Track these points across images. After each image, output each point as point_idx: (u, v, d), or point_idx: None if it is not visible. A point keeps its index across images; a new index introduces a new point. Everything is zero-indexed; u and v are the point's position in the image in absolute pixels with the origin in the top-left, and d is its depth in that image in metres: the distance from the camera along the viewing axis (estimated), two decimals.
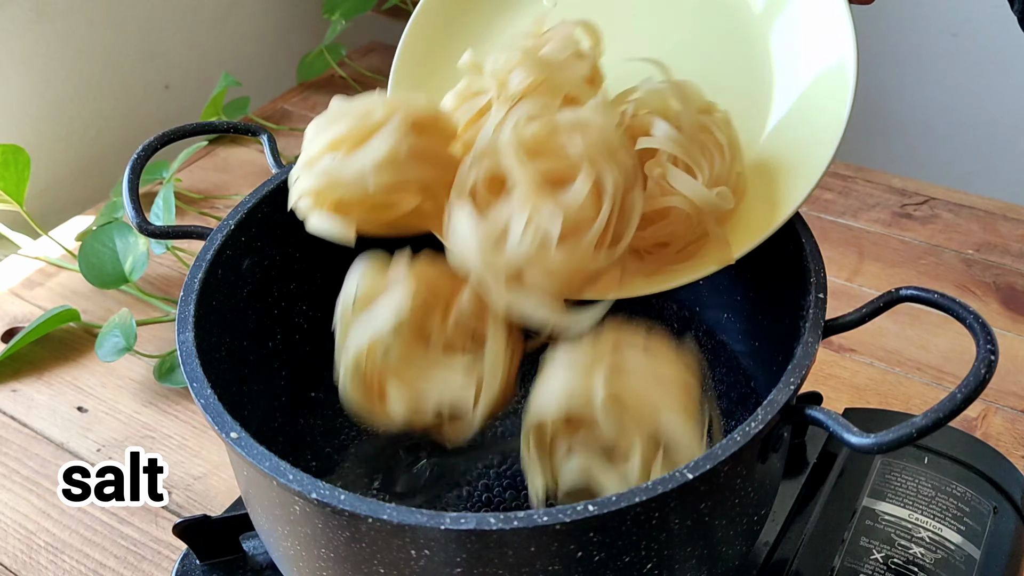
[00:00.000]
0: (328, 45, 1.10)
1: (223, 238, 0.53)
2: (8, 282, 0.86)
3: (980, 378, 0.39)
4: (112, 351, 0.74)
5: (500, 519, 0.38)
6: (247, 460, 0.41)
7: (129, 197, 0.55)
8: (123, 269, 0.79)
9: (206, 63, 1.18)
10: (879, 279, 0.81)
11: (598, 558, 0.40)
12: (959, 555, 0.52)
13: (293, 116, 1.08)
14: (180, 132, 0.59)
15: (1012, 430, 0.68)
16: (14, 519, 0.65)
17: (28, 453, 0.69)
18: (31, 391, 0.75)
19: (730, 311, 0.60)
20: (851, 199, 0.90)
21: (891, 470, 0.56)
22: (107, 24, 1.05)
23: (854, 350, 0.74)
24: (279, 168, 0.58)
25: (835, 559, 0.52)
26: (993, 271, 0.81)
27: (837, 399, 0.70)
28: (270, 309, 0.59)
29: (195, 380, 0.45)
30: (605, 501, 0.38)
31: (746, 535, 0.48)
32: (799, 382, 0.43)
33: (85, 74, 1.05)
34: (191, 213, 0.93)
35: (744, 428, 0.41)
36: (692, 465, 0.39)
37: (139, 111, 1.12)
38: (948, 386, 0.71)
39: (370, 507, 0.38)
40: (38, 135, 1.02)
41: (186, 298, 0.49)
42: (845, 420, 0.41)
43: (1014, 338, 0.75)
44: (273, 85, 1.22)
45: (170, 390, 0.74)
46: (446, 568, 0.40)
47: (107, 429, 0.71)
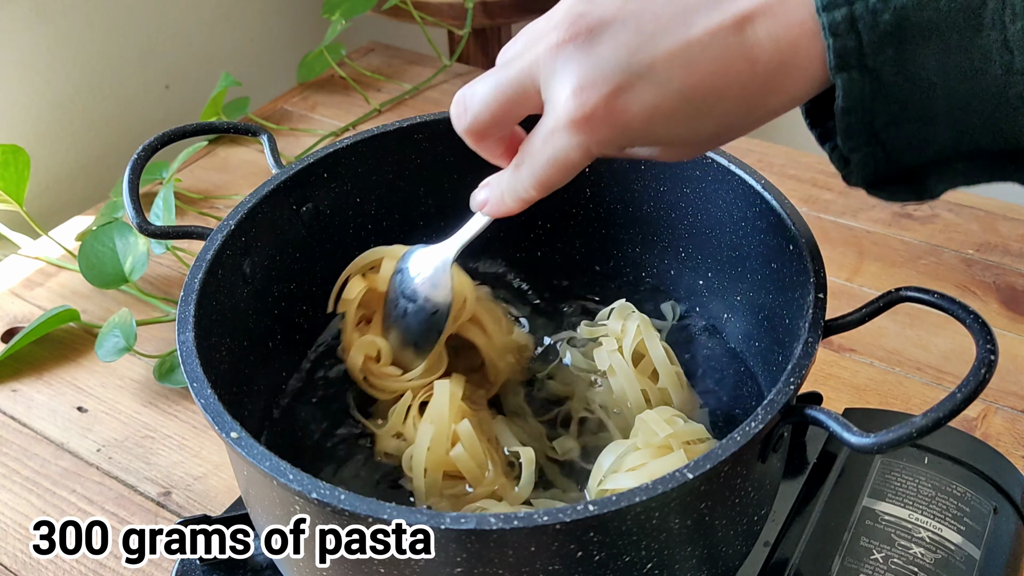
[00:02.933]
0: (328, 45, 1.10)
1: (223, 238, 0.53)
2: (8, 282, 0.86)
3: (980, 378, 0.39)
4: (112, 351, 0.74)
5: (500, 519, 0.38)
6: (247, 460, 0.41)
7: (129, 197, 0.55)
8: (123, 269, 0.79)
9: (206, 63, 1.18)
10: (879, 279, 0.81)
11: (598, 558, 0.40)
12: (959, 555, 0.52)
13: (293, 116, 1.08)
14: (180, 132, 0.59)
15: (1012, 430, 0.68)
16: (14, 519, 0.65)
17: (28, 453, 0.69)
18: (31, 391, 0.75)
19: (730, 311, 0.60)
20: (851, 199, 0.90)
21: (891, 470, 0.56)
22: (107, 24, 1.05)
23: (854, 350, 0.74)
24: (279, 168, 0.58)
25: (835, 559, 0.52)
26: (993, 271, 0.81)
27: (837, 399, 0.70)
28: (270, 309, 0.59)
29: (195, 380, 0.45)
30: (605, 501, 0.38)
31: (746, 535, 0.48)
32: (799, 382, 0.43)
33: (85, 74, 1.05)
34: (191, 213, 0.93)
35: (744, 428, 0.41)
36: (692, 465, 0.40)
37: (139, 111, 1.12)
38: (948, 386, 0.71)
39: (370, 507, 0.38)
40: (38, 135, 1.02)
41: (186, 298, 0.49)
42: (845, 420, 0.41)
43: (1014, 338, 0.75)
44: (273, 85, 1.22)
45: (170, 390, 0.74)
46: (446, 568, 0.40)
47: (107, 429, 0.71)
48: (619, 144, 0.42)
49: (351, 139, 0.59)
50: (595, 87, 0.40)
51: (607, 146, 0.41)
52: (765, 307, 0.56)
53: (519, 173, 0.45)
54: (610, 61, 0.39)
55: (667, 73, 0.39)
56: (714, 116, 0.40)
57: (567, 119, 0.41)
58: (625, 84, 0.39)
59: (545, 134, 0.42)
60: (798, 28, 0.37)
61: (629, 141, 0.41)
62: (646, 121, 0.40)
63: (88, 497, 0.66)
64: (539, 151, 0.43)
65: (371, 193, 0.62)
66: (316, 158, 0.58)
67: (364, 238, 0.63)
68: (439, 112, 0.61)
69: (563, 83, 0.40)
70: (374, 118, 1.06)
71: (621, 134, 0.41)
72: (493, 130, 0.45)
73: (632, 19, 0.39)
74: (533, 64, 0.42)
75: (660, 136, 0.41)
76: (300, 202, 0.59)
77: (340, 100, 1.10)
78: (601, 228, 0.65)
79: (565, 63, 0.40)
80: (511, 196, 0.46)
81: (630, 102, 0.40)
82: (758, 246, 0.56)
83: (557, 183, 0.44)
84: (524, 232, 0.66)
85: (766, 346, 0.56)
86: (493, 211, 0.48)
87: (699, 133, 0.41)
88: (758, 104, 0.40)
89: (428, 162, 0.62)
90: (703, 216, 0.60)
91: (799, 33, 0.37)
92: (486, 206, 0.48)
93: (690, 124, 0.40)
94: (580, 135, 0.41)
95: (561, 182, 0.44)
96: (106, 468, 0.68)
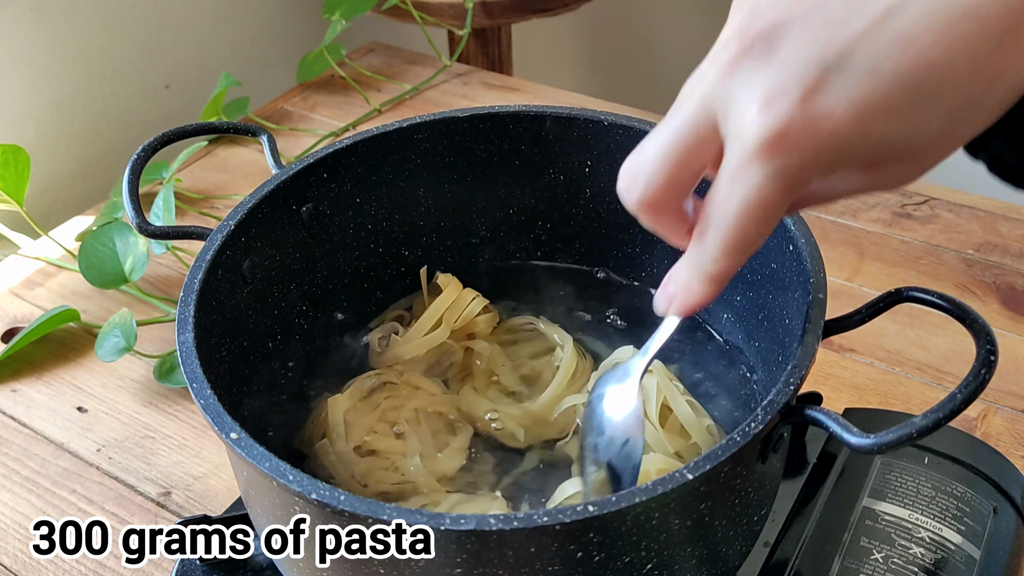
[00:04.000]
0: (328, 45, 1.10)
1: (223, 238, 0.53)
2: (8, 282, 0.86)
3: (980, 378, 0.39)
4: (112, 351, 0.74)
5: (500, 519, 0.38)
6: (247, 460, 0.41)
7: (129, 197, 0.55)
8: (123, 269, 0.79)
9: (206, 63, 1.18)
10: (879, 279, 0.81)
11: (598, 558, 0.40)
12: (959, 555, 0.52)
13: (293, 116, 1.08)
14: (180, 132, 0.59)
15: (1012, 430, 0.68)
16: (14, 519, 0.65)
17: (28, 453, 0.69)
18: (31, 391, 0.75)
19: (730, 311, 0.60)
20: (851, 199, 0.90)
21: (891, 470, 0.56)
22: (107, 24, 1.05)
23: (854, 350, 0.74)
24: (279, 168, 0.58)
25: (835, 559, 0.52)
26: (993, 271, 0.81)
27: (837, 399, 0.70)
28: (270, 309, 0.59)
29: (195, 380, 0.45)
30: (605, 501, 0.38)
31: (746, 535, 0.48)
32: (799, 382, 0.43)
33: (85, 74, 1.05)
34: (191, 213, 0.93)
35: (744, 428, 0.41)
36: (692, 465, 0.40)
37: (139, 111, 1.12)
38: (948, 386, 0.71)
39: (370, 507, 0.38)
40: (38, 135, 1.02)
41: (186, 299, 0.49)
42: (845, 420, 0.41)
43: (1014, 338, 0.75)
44: (273, 85, 1.22)
45: (170, 390, 0.74)
46: (446, 568, 0.40)
47: (107, 429, 0.71)
48: (827, 163, 0.33)
49: (351, 139, 0.59)
50: (785, 94, 0.32)
51: (812, 168, 0.33)
52: (765, 307, 0.56)
53: (703, 242, 0.36)
54: (798, 61, 0.32)
55: (875, 55, 0.32)
56: (944, 99, 0.32)
57: (756, 145, 0.33)
58: (823, 81, 0.32)
59: (729, 177, 0.34)
60: None
61: (838, 156, 0.33)
62: (858, 122, 0.32)
63: (88, 497, 0.66)
64: (724, 201, 0.35)
65: (371, 193, 0.62)
66: (316, 158, 0.58)
67: (364, 238, 0.63)
68: (439, 112, 0.61)
69: (745, 104, 0.33)
70: (374, 118, 1.06)
71: (830, 146, 0.33)
72: (671, 194, 0.37)
73: (816, 11, 0.33)
74: (705, 97, 0.35)
75: (878, 141, 0.33)
76: (300, 202, 0.59)
77: (340, 100, 1.10)
78: (601, 228, 0.65)
79: (743, 81, 0.33)
80: (698, 277, 0.38)
81: (834, 101, 0.32)
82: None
83: (755, 238, 0.35)
84: (524, 232, 0.66)
85: (766, 346, 0.56)
86: (682, 307, 0.40)
87: (927, 128, 0.33)
88: (996, 73, 0.32)
89: (428, 162, 0.62)
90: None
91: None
92: (672, 304, 0.40)
93: (915, 116, 0.32)
94: (776, 160, 0.33)
95: (760, 236, 0.35)
96: (106, 468, 0.68)
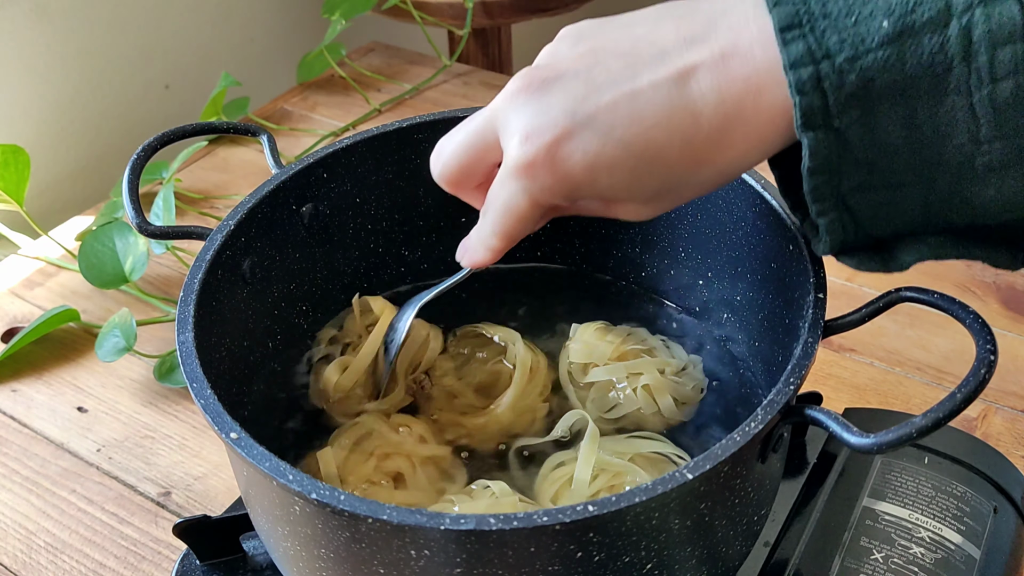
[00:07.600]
0: (328, 45, 1.10)
1: (223, 238, 0.53)
2: (8, 282, 0.86)
3: (980, 378, 0.39)
4: (112, 351, 0.74)
5: (500, 519, 0.38)
6: (247, 460, 0.41)
7: (129, 197, 0.55)
8: (123, 269, 0.79)
9: (206, 63, 1.18)
10: (879, 279, 0.81)
11: (598, 558, 0.40)
12: (959, 555, 0.52)
13: (293, 116, 1.08)
14: (180, 132, 0.59)
15: (1012, 430, 0.68)
16: (14, 519, 0.65)
17: (28, 453, 0.69)
18: (31, 391, 0.75)
19: (730, 311, 0.60)
20: None
21: (891, 470, 0.56)
22: (107, 24, 1.05)
23: (854, 350, 0.74)
24: (279, 168, 0.58)
25: (835, 559, 0.52)
26: (993, 271, 0.81)
27: (837, 399, 0.70)
28: (270, 309, 0.59)
29: (195, 380, 0.45)
30: (605, 501, 0.38)
31: (746, 535, 0.48)
32: (799, 382, 0.43)
33: (85, 74, 1.05)
34: (191, 213, 0.93)
35: (744, 428, 0.41)
36: (692, 465, 0.40)
37: (139, 111, 1.12)
38: (948, 386, 0.71)
39: (370, 507, 0.38)
40: (38, 135, 1.02)
41: (186, 299, 0.49)
42: (845, 420, 0.41)
43: (1014, 338, 0.75)
44: (273, 85, 1.22)
45: (170, 390, 0.74)
46: (446, 568, 0.40)
47: (107, 429, 0.71)
48: (563, 193, 0.42)
49: (351, 139, 0.59)
50: (540, 134, 0.40)
51: (552, 195, 0.42)
52: (765, 307, 0.56)
53: (483, 222, 0.46)
54: (556, 109, 0.40)
55: (609, 122, 0.39)
56: (658, 170, 0.40)
57: (513, 165, 0.41)
58: (569, 132, 0.40)
59: (499, 181, 0.43)
60: (742, 84, 0.37)
61: (573, 191, 0.42)
62: (588, 170, 0.40)
63: (88, 497, 0.66)
64: (494, 198, 0.44)
65: (371, 193, 0.62)
66: (316, 158, 0.58)
67: (364, 238, 0.63)
68: (439, 112, 0.61)
69: (513, 130, 0.41)
70: (374, 118, 1.06)
71: (563, 182, 0.41)
72: (464, 179, 0.47)
73: (585, 71, 0.40)
74: (491, 113, 0.43)
75: (603, 188, 0.41)
76: (300, 202, 0.59)
77: (340, 100, 1.10)
78: (601, 228, 0.65)
79: (517, 111, 0.41)
80: (480, 246, 0.47)
81: (573, 150, 0.40)
82: (758, 246, 0.56)
83: (514, 232, 0.44)
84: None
85: (766, 346, 0.56)
86: (467, 262, 0.48)
87: (644, 188, 0.41)
88: (704, 160, 0.40)
89: (428, 162, 0.62)
90: (703, 216, 0.60)
91: (743, 89, 0.37)
92: (464, 259, 0.49)
93: (633, 177, 0.40)
94: (524, 181, 0.42)
95: (518, 231, 0.44)
96: (106, 468, 0.68)
